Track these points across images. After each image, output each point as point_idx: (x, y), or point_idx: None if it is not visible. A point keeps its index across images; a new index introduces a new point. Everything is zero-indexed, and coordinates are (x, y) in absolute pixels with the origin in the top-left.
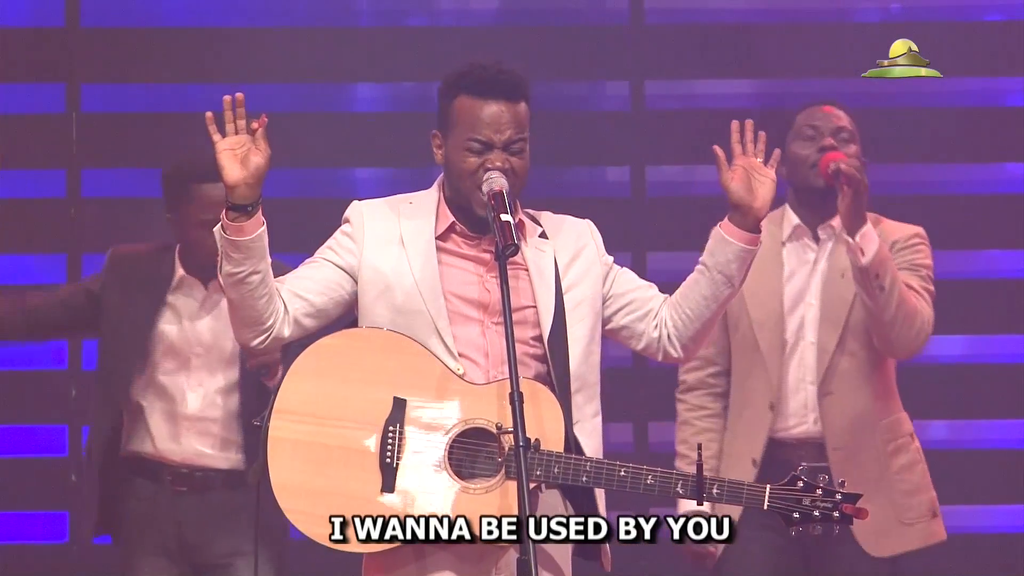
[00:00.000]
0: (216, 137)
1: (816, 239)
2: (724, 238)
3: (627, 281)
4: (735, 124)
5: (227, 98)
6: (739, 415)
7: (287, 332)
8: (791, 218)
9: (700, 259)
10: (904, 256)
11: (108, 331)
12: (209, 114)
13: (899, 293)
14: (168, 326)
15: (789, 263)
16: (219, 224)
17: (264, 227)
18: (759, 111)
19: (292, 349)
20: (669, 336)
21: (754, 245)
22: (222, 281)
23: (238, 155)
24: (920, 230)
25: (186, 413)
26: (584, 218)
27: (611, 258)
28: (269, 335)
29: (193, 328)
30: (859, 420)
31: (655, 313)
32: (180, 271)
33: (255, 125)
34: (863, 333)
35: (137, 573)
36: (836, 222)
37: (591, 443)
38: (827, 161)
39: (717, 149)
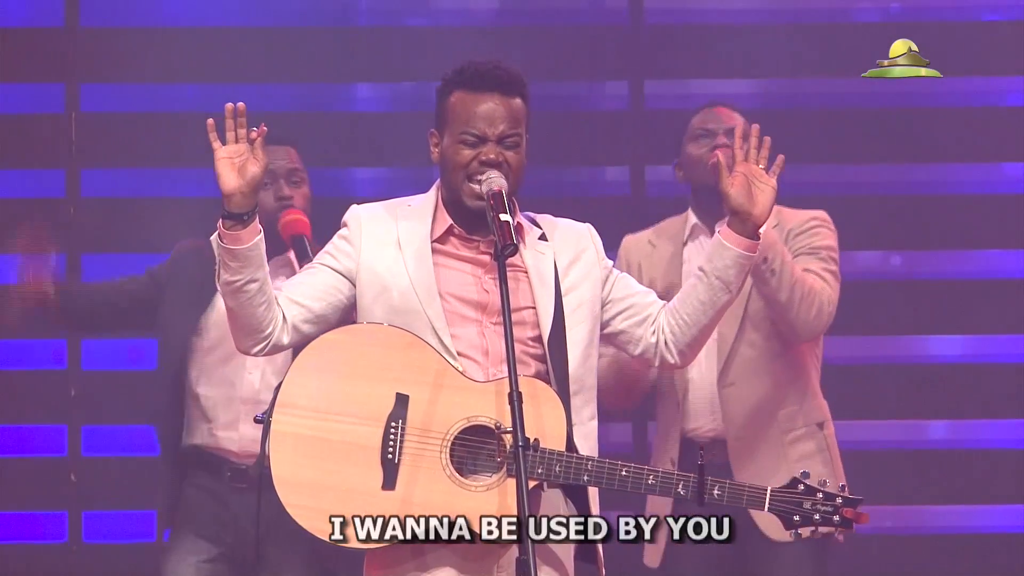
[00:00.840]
0: (216, 144)
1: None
2: (723, 244)
3: (626, 286)
4: (738, 129)
5: (229, 106)
6: (657, 415)
7: (286, 339)
8: (691, 218)
9: (698, 265)
10: (801, 241)
11: (167, 323)
12: (210, 121)
13: (791, 274)
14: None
15: (689, 262)
16: (215, 233)
17: (261, 235)
18: (759, 111)
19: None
20: (666, 342)
21: (753, 252)
22: (220, 290)
23: (236, 164)
24: (820, 213)
25: (243, 397)
26: (584, 218)
27: (611, 262)
28: (268, 342)
29: None
30: (757, 410)
31: (653, 319)
32: None
33: (253, 135)
34: (763, 323)
35: (176, 549)
36: None
37: (587, 445)
38: (713, 156)
39: (719, 154)
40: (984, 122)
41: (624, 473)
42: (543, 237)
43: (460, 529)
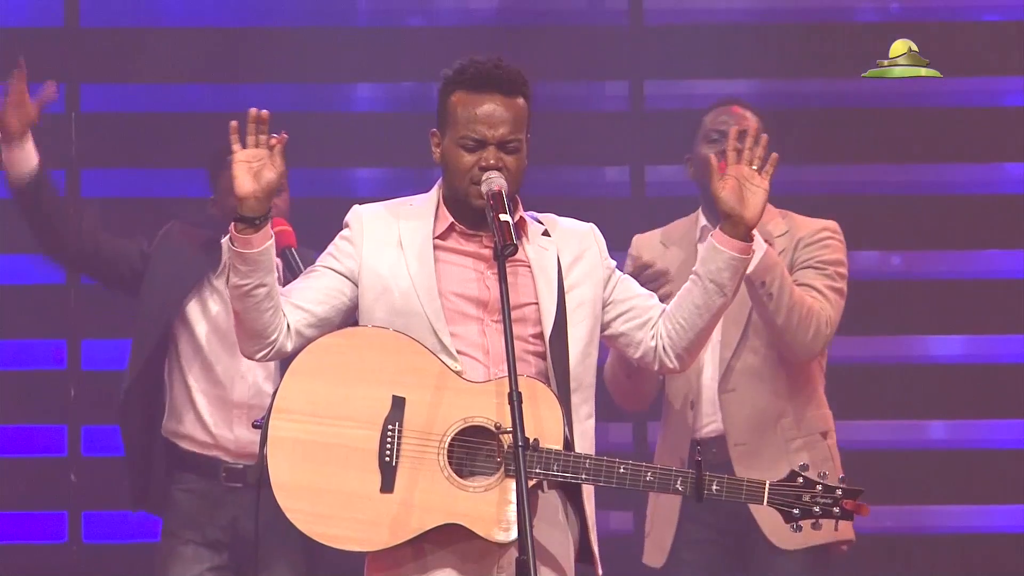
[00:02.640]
0: (236, 147)
1: None
2: (715, 247)
3: (628, 288)
4: (733, 130)
5: (252, 111)
6: (666, 416)
7: (290, 346)
8: (701, 219)
9: (693, 268)
10: (809, 252)
11: (149, 296)
12: (234, 123)
13: (789, 298)
14: (216, 308)
15: None
16: (227, 236)
17: (272, 240)
18: (759, 111)
19: None
20: (664, 347)
21: (746, 254)
22: (228, 293)
23: (253, 168)
24: (831, 224)
25: (235, 400)
26: (584, 219)
27: (614, 263)
28: (273, 348)
29: None
30: (759, 416)
31: (653, 322)
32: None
33: (273, 142)
34: (765, 332)
35: (175, 560)
36: None
37: (584, 444)
38: (722, 169)
39: (712, 158)
40: (984, 122)
41: (622, 470)
42: (546, 233)
43: (460, 528)
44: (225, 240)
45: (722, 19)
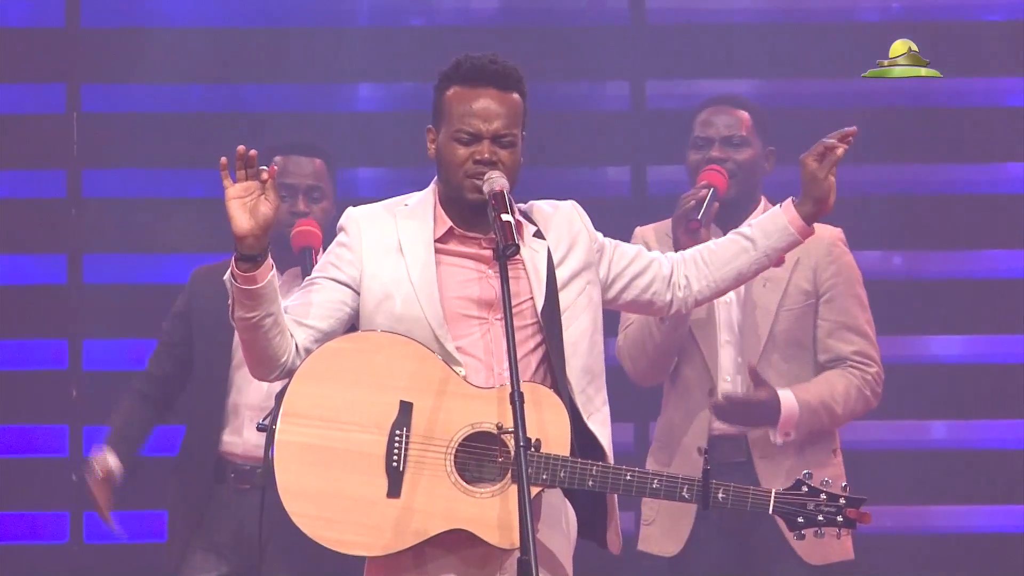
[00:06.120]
0: (227, 183)
1: None
2: (787, 229)
3: (623, 256)
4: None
5: (241, 149)
6: (676, 406)
7: (300, 364)
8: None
9: (745, 234)
10: (832, 282)
11: (201, 342)
12: (224, 160)
13: (842, 418)
14: None
15: None
16: (228, 272)
17: (274, 270)
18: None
19: None
20: (686, 298)
21: (807, 237)
22: (235, 325)
23: (247, 205)
24: (838, 234)
25: (249, 403)
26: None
27: (600, 235)
28: (283, 369)
29: None
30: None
31: (666, 278)
32: None
33: (264, 176)
34: (786, 346)
35: (186, 568)
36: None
37: (605, 431)
38: (700, 181)
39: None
40: (984, 122)
41: (628, 477)
42: (538, 234)
43: (465, 533)
44: (227, 276)
45: (723, 19)
